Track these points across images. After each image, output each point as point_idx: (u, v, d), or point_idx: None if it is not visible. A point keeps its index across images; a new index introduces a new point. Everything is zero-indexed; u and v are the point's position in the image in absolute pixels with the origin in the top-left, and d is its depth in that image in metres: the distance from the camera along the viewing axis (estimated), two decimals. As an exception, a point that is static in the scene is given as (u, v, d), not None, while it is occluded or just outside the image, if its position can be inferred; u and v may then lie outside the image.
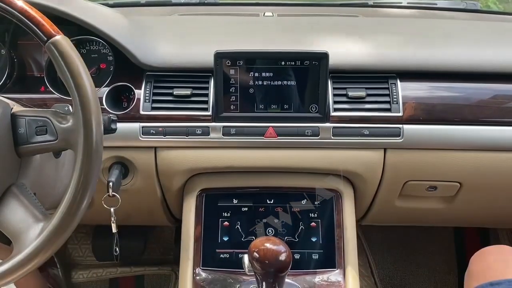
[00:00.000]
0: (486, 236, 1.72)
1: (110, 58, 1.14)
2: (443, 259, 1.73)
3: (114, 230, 1.06)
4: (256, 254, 0.84)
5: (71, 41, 1.12)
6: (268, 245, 0.85)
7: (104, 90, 1.09)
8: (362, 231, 1.59)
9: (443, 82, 1.10)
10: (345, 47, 1.13)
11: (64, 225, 0.75)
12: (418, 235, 1.65)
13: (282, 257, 0.84)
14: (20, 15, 0.75)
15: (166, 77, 1.10)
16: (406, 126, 1.06)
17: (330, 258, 1.08)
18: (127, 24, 1.15)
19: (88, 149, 0.75)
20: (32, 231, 0.77)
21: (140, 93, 1.09)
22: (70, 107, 0.83)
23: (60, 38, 0.76)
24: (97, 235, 1.77)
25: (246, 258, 0.89)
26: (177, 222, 1.28)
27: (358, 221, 1.32)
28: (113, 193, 1.02)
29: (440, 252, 1.74)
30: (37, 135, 0.79)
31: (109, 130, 0.88)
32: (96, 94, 0.77)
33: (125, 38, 1.08)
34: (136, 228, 1.75)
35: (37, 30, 0.76)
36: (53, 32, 0.76)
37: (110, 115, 0.89)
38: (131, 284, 1.79)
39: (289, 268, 0.86)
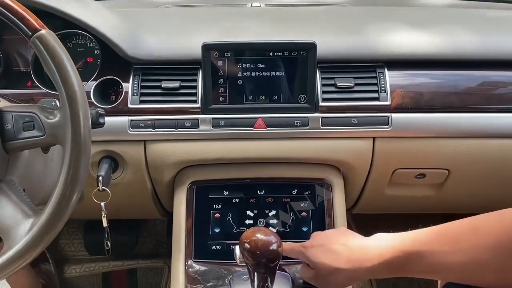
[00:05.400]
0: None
1: (97, 51, 1.13)
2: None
3: (105, 224, 1.06)
4: (247, 245, 0.85)
5: (57, 35, 1.12)
6: (259, 235, 0.85)
7: (92, 84, 1.08)
8: (353, 220, 1.60)
9: (431, 70, 1.10)
10: (333, 37, 1.13)
11: (53, 220, 0.75)
12: (409, 224, 1.66)
13: (273, 247, 0.85)
14: (3, 9, 0.74)
15: (154, 69, 1.09)
16: (394, 115, 1.07)
17: (321, 247, 1.08)
18: (113, 17, 1.14)
19: (76, 144, 0.75)
20: (22, 227, 0.76)
21: (128, 86, 1.08)
22: (57, 101, 0.82)
23: (45, 32, 0.75)
24: (88, 230, 1.77)
25: (237, 249, 0.89)
26: (169, 215, 1.28)
27: (349, 210, 1.33)
28: (103, 187, 1.02)
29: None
30: (24, 130, 0.78)
31: (97, 124, 0.88)
32: (83, 88, 0.76)
33: (111, 31, 1.07)
34: (128, 222, 1.75)
35: (21, 24, 0.75)
36: (37, 26, 0.75)
37: (98, 109, 0.89)
38: (124, 277, 1.79)
39: (280, 258, 0.86)
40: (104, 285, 1.78)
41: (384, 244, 0.81)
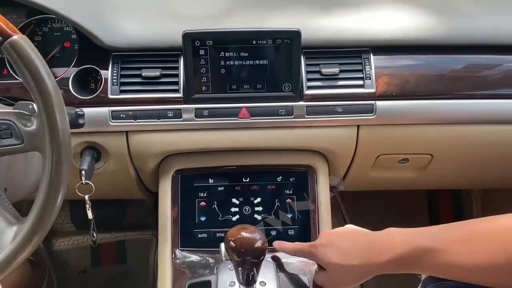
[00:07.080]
0: (458, 196, 1.78)
1: (74, 36, 1.10)
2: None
3: (90, 216, 1.06)
4: (232, 243, 0.86)
5: (32, 20, 1.08)
6: (244, 233, 0.86)
7: (71, 72, 1.05)
8: (340, 197, 1.62)
9: (417, 54, 1.08)
10: (318, 21, 1.09)
11: (38, 228, 0.75)
12: (393, 199, 1.68)
13: (258, 244, 0.86)
14: None
15: (133, 57, 1.06)
16: (378, 102, 1.05)
17: (305, 233, 1.10)
18: (86, 1, 1.10)
19: (55, 151, 0.73)
20: (5, 235, 0.76)
21: (107, 73, 1.05)
22: (34, 105, 0.80)
23: (17, 38, 0.71)
24: (74, 205, 1.77)
25: (222, 246, 0.90)
26: (154, 195, 1.28)
27: (334, 187, 1.34)
28: (86, 181, 1.01)
29: (414, 213, 1.78)
30: (2, 138, 0.76)
31: (76, 125, 0.86)
32: (60, 94, 0.74)
33: (84, 18, 1.03)
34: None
35: None
36: (9, 31, 0.71)
37: (77, 110, 0.87)
38: (112, 249, 1.82)
39: (265, 254, 0.87)
40: (93, 258, 1.80)
41: (395, 239, 0.79)
